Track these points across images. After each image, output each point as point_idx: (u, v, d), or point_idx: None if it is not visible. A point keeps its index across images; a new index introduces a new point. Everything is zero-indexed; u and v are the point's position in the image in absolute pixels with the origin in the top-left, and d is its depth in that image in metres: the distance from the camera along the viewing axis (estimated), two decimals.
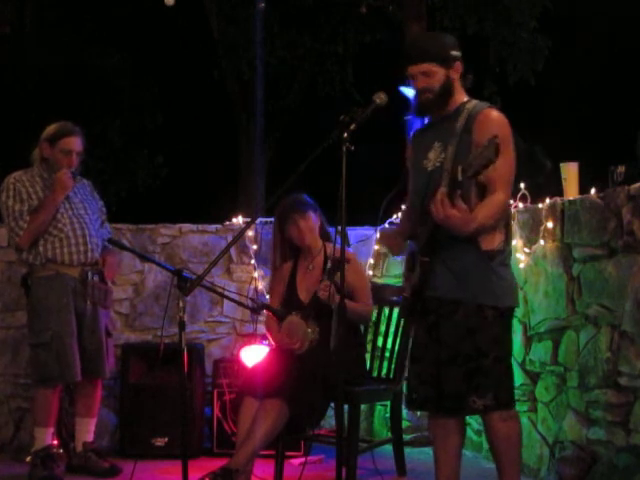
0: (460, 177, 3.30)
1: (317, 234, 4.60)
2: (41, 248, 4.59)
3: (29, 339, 4.72)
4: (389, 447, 4.71)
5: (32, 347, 4.68)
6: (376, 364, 4.84)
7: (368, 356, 4.80)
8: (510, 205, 3.71)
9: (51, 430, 4.64)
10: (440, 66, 3.61)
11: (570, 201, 4.29)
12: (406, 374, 4.99)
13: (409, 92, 6.20)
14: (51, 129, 4.72)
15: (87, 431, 4.79)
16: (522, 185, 4.76)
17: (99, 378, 4.78)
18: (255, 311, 4.74)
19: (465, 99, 3.67)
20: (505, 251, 3.59)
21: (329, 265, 4.17)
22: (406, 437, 5.00)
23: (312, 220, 4.55)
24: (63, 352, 4.54)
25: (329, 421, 5.15)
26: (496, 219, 3.51)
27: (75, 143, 4.70)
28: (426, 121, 3.85)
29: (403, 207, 5.68)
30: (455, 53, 3.64)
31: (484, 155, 3.22)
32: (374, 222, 5.52)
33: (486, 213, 3.46)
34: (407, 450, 4.74)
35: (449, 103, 3.63)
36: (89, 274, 4.64)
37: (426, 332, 3.64)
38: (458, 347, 3.52)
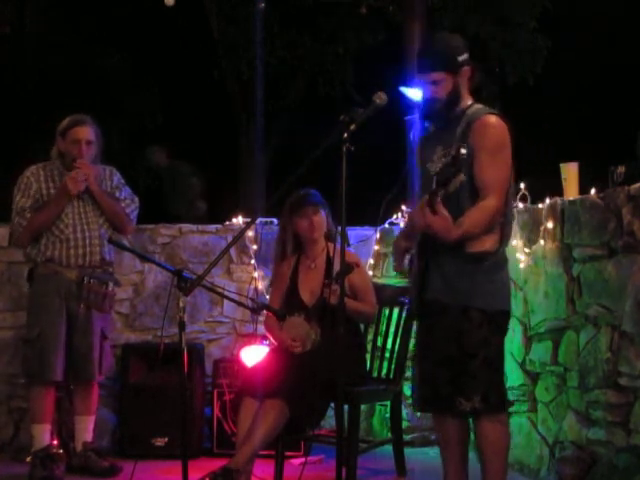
0: (434, 186, 3.32)
1: (323, 233, 4.61)
2: (42, 247, 4.62)
3: (24, 334, 4.78)
4: (389, 447, 4.70)
5: (23, 342, 4.77)
6: (376, 364, 4.83)
7: (368, 356, 4.79)
8: (511, 207, 3.68)
9: (48, 427, 4.63)
10: (448, 74, 3.56)
11: (570, 201, 4.29)
12: (407, 374, 5.02)
13: (409, 92, 6.21)
14: (62, 123, 4.71)
15: (86, 429, 4.77)
16: (522, 185, 4.76)
17: (89, 380, 4.75)
18: (255, 311, 4.74)
19: (469, 103, 3.65)
20: (498, 253, 3.57)
21: (338, 269, 4.16)
22: (406, 437, 4.99)
23: (322, 217, 4.56)
24: (46, 351, 4.55)
25: (329, 421, 5.14)
26: (485, 225, 3.49)
27: (83, 132, 4.65)
28: (426, 124, 3.84)
29: (404, 207, 5.71)
30: (463, 58, 3.59)
31: (449, 167, 3.25)
32: (374, 222, 5.53)
33: (473, 220, 3.45)
34: (407, 450, 4.73)
35: (455, 109, 3.61)
36: (85, 277, 4.63)
37: (425, 334, 3.70)
38: (446, 349, 3.54)
